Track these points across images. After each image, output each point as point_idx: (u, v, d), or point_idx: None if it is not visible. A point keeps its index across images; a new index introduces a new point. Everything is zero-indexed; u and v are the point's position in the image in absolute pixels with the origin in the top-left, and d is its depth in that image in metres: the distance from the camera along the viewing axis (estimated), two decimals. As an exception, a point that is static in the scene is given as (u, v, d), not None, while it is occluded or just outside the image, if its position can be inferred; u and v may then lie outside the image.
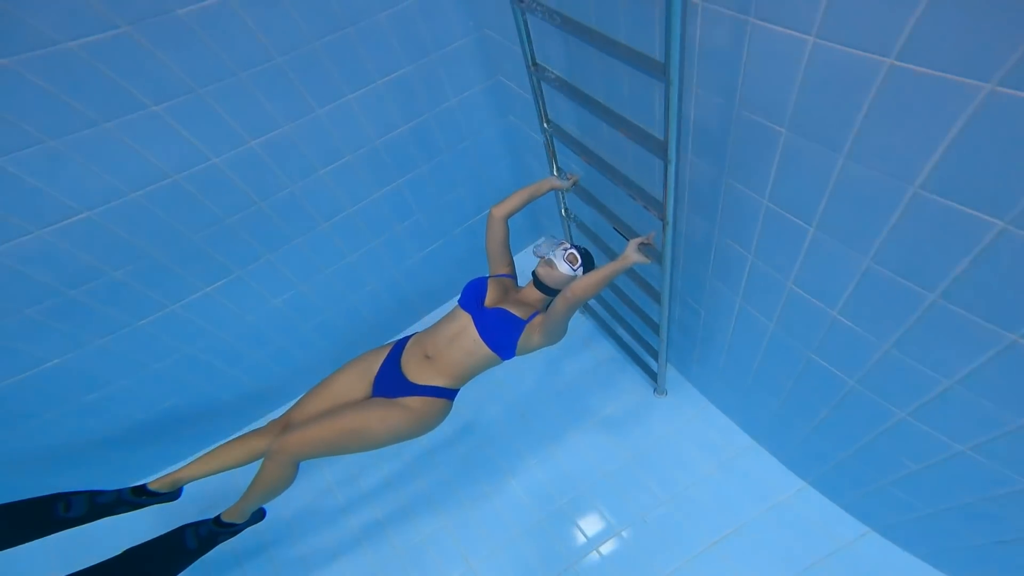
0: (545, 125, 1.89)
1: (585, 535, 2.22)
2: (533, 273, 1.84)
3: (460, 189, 2.56)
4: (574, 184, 1.98)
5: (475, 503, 2.38)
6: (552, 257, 1.78)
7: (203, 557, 1.87)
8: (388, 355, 1.86)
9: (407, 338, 1.92)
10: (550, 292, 1.80)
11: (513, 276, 1.96)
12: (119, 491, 1.75)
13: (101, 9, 1.35)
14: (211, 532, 1.85)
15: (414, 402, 1.74)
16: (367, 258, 2.47)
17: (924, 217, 0.97)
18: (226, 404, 2.54)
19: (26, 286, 1.71)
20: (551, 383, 2.66)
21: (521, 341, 1.73)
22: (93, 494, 1.74)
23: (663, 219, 1.51)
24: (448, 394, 1.79)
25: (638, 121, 1.48)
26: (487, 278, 1.89)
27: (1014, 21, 0.70)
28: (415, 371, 1.78)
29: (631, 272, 2.05)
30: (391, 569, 2.27)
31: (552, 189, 1.96)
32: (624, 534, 2.18)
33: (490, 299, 1.82)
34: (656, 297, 1.90)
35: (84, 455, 2.30)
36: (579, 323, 2.80)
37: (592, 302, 2.73)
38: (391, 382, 1.79)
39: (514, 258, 2.03)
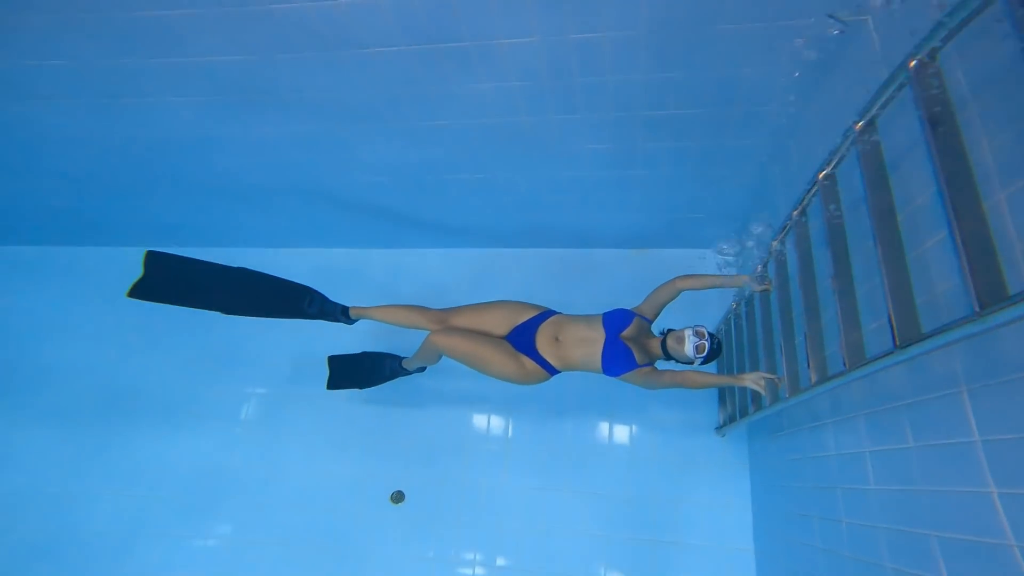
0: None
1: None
2: (665, 336, 2.23)
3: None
4: (763, 291, 2.19)
5: (520, 433, 3.16)
6: (686, 334, 2.15)
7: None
8: (534, 317, 2.40)
9: (552, 313, 2.43)
10: (669, 357, 2.23)
11: (651, 322, 2.34)
12: (337, 304, 2.56)
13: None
14: (395, 369, 2.81)
15: (529, 363, 2.35)
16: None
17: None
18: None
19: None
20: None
21: (625, 375, 2.22)
22: (326, 300, 2.56)
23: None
24: (553, 371, 2.37)
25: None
26: (634, 315, 2.29)
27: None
28: (542, 343, 2.35)
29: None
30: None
31: (742, 287, 2.22)
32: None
33: (626, 333, 2.25)
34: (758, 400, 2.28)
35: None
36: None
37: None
38: (524, 339, 2.37)
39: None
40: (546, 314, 2.44)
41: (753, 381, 2.14)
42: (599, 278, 3.51)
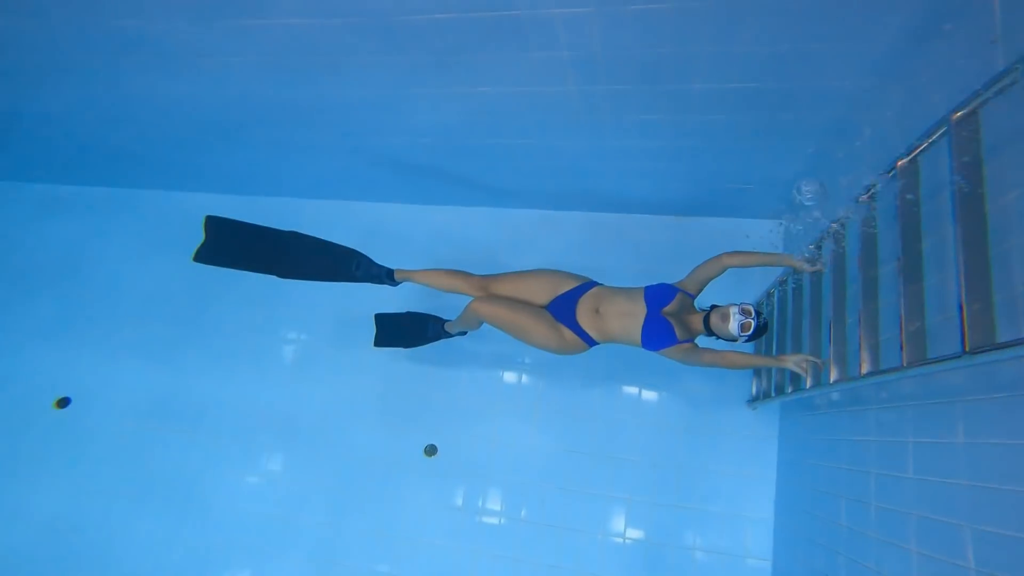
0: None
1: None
2: (708, 312, 2.18)
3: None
4: (816, 272, 2.12)
5: (551, 397, 3.23)
6: (731, 311, 2.09)
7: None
8: (576, 287, 2.39)
9: (594, 284, 2.40)
10: (711, 334, 2.19)
11: (694, 297, 2.29)
12: (383, 267, 2.57)
13: None
14: (438, 331, 2.85)
15: (568, 334, 2.35)
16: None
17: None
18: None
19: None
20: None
21: (664, 351, 2.21)
22: (372, 262, 2.58)
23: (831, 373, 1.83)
24: (592, 343, 2.37)
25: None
26: (677, 291, 2.25)
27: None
28: (583, 314, 2.33)
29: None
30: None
31: (789, 267, 2.16)
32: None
33: (668, 309, 2.22)
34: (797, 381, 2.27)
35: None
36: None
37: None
38: (564, 310, 2.37)
39: None
40: (587, 285, 2.43)
41: (796, 363, 2.12)
42: (639, 244, 3.47)
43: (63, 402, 3.29)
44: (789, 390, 2.35)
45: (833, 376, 1.93)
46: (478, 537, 3.06)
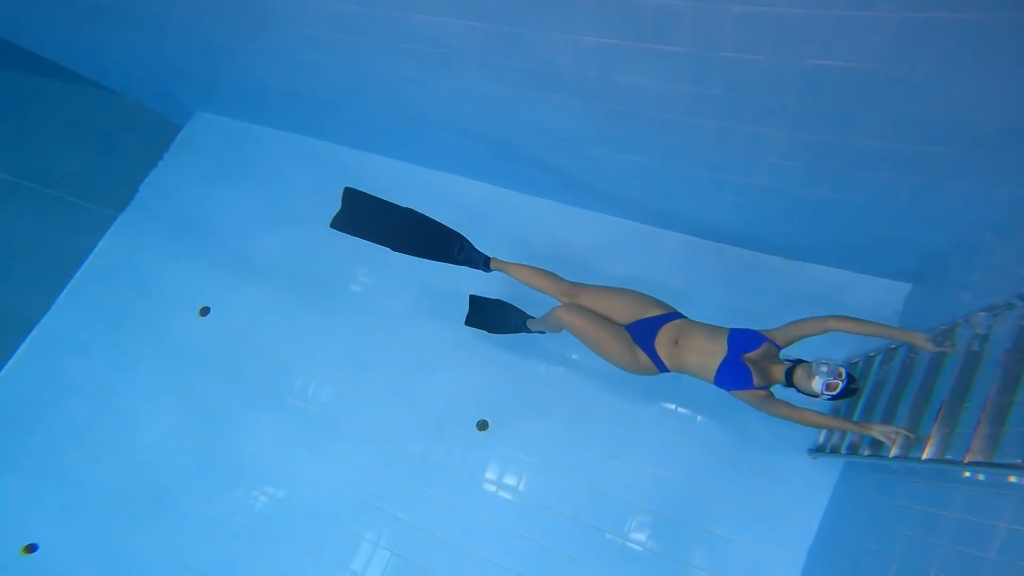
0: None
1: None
2: (793, 365, 2.19)
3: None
4: (940, 352, 2.13)
5: (604, 404, 3.37)
6: (817, 371, 2.06)
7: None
8: (661, 315, 2.49)
9: (678, 315, 2.49)
10: (791, 385, 2.20)
11: (781, 348, 2.31)
12: (482, 254, 2.77)
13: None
14: (519, 325, 3.01)
15: (643, 357, 2.47)
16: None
17: None
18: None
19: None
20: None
21: (737, 392, 2.27)
22: (473, 248, 2.77)
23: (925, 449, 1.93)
24: (664, 370, 2.49)
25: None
26: (765, 340, 2.27)
27: None
28: (661, 343, 2.43)
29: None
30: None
31: (911, 344, 2.16)
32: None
33: (750, 356, 2.25)
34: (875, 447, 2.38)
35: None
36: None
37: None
38: (645, 334, 2.48)
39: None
40: (672, 316, 2.50)
41: (883, 433, 2.15)
42: (736, 278, 3.50)
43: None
44: (866, 452, 2.45)
45: (928, 454, 2.04)
46: (505, 513, 3.28)
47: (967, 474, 1.91)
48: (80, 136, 4.73)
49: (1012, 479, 1.70)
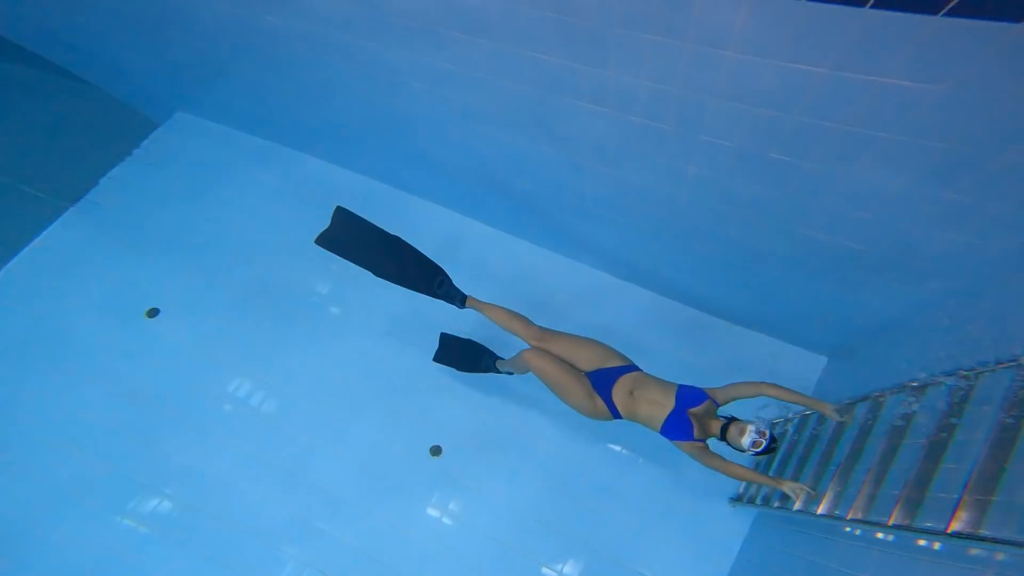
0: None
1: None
2: (727, 422, 2.46)
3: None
4: (842, 423, 2.48)
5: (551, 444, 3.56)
6: (748, 429, 2.36)
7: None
8: (620, 367, 2.71)
9: (636, 369, 2.72)
10: (723, 439, 2.46)
11: (719, 406, 2.58)
12: (459, 291, 2.91)
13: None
14: (489, 366, 3.17)
15: (600, 404, 2.69)
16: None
17: None
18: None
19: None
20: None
21: (678, 442, 2.52)
22: (452, 284, 2.90)
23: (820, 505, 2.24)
24: (618, 416, 2.70)
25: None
26: (707, 398, 2.52)
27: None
28: (618, 392, 2.65)
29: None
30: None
31: (820, 412, 2.50)
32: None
33: (694, 411, 2.51)
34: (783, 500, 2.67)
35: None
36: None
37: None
38: (603, 382, 2.70)
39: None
40: (630, 368, 2.73)
41: (792, 489, 2.45)
42: (691, 337, 3.81)
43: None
44: (776, 504, 2.76)
45: (821, 509, 2.33)
46: (447, 539, 3.38)
47: (847, 528, 2.20)
48: (46, 125, 4.47)
49: (879, 535, 1.99)
